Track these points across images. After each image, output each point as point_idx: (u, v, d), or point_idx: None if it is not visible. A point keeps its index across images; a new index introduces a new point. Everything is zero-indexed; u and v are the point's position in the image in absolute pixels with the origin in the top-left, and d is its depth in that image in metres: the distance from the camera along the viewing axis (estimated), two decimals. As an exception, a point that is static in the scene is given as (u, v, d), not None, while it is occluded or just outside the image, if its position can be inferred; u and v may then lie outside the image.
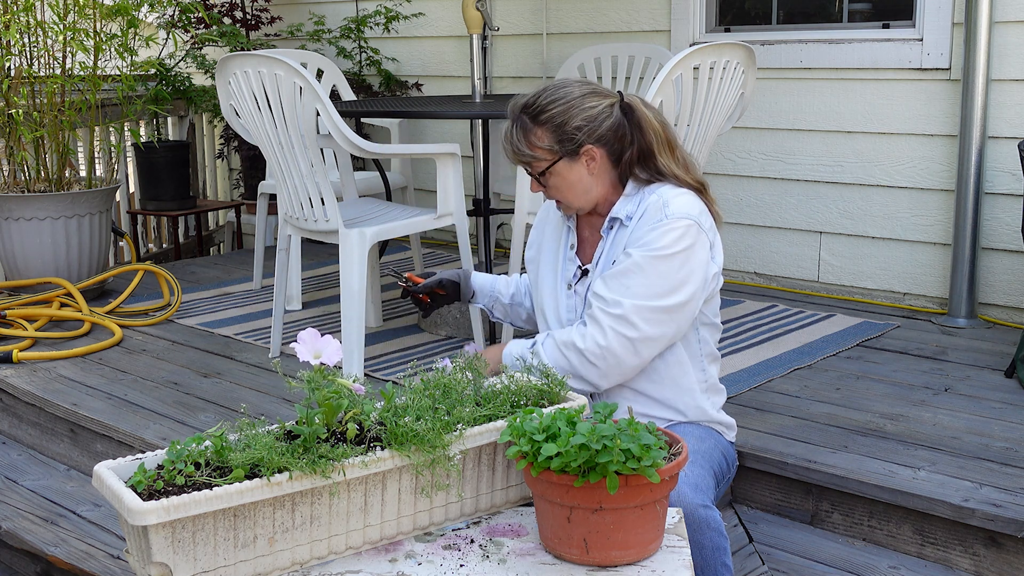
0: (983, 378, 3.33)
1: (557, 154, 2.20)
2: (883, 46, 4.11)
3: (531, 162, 2.23)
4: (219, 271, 5.22)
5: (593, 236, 2.33)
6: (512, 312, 2.56)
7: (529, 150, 2.21)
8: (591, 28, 4.96)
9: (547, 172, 2.22)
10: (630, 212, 2.22)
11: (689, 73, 3.20)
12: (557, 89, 2.21)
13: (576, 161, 2.21)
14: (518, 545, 1.78)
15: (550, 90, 2.22)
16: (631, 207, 2.22)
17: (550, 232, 2.43)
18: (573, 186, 2.23)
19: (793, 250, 4.48)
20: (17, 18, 4.37)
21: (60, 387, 3.48)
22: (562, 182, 2.23)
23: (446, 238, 5.66)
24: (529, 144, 2.21)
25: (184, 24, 5.88)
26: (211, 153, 6.60)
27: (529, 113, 2.21)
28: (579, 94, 2.20)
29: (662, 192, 2.20)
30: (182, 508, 1.54)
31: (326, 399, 1.71)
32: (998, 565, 2.44)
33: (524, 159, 2.23)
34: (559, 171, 2.22)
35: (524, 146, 2.21)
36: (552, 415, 1.71)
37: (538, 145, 2.20)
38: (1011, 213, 3.88)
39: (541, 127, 2.19)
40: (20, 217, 4.40)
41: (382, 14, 5.67)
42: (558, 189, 2.24)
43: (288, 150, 3.40)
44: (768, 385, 3.28)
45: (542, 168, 2.22)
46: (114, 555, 2.69)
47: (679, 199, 2.17)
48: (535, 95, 2.22)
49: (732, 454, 2.38)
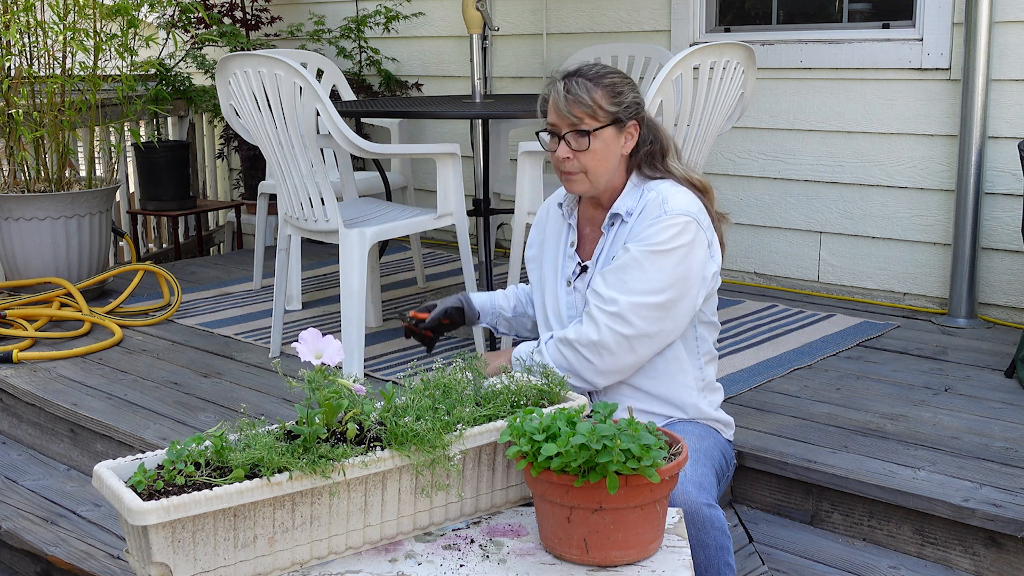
0: (983, 378, 3.33)
1: (612, 118, 2.19)
2: (883, 46, 4.11)
3: (585, 117, 2.19)
4: (219, 271, 5.22)
5: (594, 233, 2.33)
6: (517, 324, 2.55)
7: (591, 101, 2.17)
8: (591, 28, 4.96)
9: (595, 133, 2.19)
10: (630, 208, 2.23)
11: (689, 73, 3.20)
12: (606, 66, 2.25)
13: (620, 133, 2.22)
14: (518, 545, 1.78)
15: (600, 65, 2.25)
16: (631, 203, 2.24)
17: (551, 231, 2.43)
18: (608, 159, 2.22)
19: (793, 250, 4.48)
20: (17, 18, 4.37)
21: (60, 387, 3.48)
22: (603, 149, 2.21)
23: (446, 238, 5.66)
24: (591, 98, 2.18)
25: (184, 24, 5.88)
26: (211, 153, 6.60)
27: (588, 76, 2.20)
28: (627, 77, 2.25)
29: (661, 189, 2.23)
30: (182, 508, 1.54)
31: (326, 399, 1.71)
32: (998, 565, 2.44)
33: (580, 112, 2.18)
34: (605, 136, 2.20)
35: (587, 97, 2.17)
36: (552, 415, 1.71)
37: (599, 103, 2.18)
38: (1011, 213, 3.88)
39: (602, 89, 2.19)
40: (20, 217, 4.40)
41: (382, 14, 5.67)
42: (594, 156, 2.21)
43: (288, 150, 3.40)
44: (768, 385, 3.28)
45: (593, 127, 2.19)
46: (114, 555, 2.69)
47: (678, 196, 2.21)
48: (588, 65, 2.23)
49: (731, 453, 2.39)
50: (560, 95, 2.20)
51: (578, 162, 2.21)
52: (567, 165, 2.23)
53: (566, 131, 2.21)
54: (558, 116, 2.21)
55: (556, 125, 2.23)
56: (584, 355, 2.18)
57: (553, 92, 2.23)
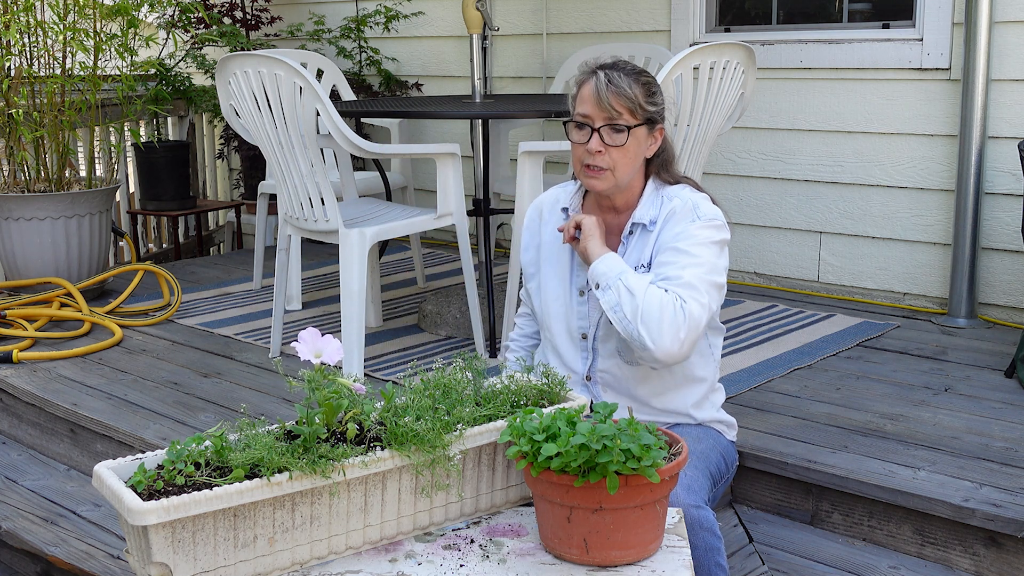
0: (983, 378, 3.33)
1: (647, 116, 2.16)
2: (883, 46, 4.11)
3: (624, 112, 2.12)
4: (219, 271, 5.22)
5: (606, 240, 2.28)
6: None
7: (632, 95, 2.12)
8: (591, 28, 4.96)
9: (631, 130, 2.13)
10: (653, 217, 2.20)
11: (689, 73, 3.20)
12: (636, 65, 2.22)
13: (650, 134, 2.19)
14: (518, 545, 1.78)
15: (631, 63, 2.20)
16: (653, 211, 2.21)
17: (549, 235, 2.36)
18: (637, 157, 2.18)
19: (793, 250, 4.48)
20: (17, 18, 4.37)
21: (60, 387, 3.48)
22: (634, 147, 2.16)
23: (446, 238, 5.66)
24: (633, 92, 2.12)
25: (184, 24, 5.88)
26: (211, 153, 6.60)
27: (627, 71, 2.15)
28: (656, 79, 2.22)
29: (684, 196, 2.21)
30: (182, 508, 1.54)
31: (326, 399, 1.71)
32: (998, 565, 2.44)
33: (620, 106, 2.12)
34: (639, 135, 2.16)
35: (629, 90, 2.12)
36: (552, 415, 1.71)
37: (639, 99, 2.13)
38: (1011, 213, 3.88)
39: (641, 86, 2.15)
40: (20, 217, 4.40)
41: (382, 14, 5.67)
42: (626, 154, 2.15)
43: (288, 150, 3.40)
44: (768, 385, 3.28)
45: (631, 123, 2.13)
46: (114, 555, 2.69)
47: (705, 203, 2.21)
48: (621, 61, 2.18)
49: (732, 454, 2.37)
50: (601, 84, 2.12)
51: (609, 157, 2.14)
52: (597, 159, 2.14)
53: (601, 124, 2.13)
54: (595, 107, 2.12)
55: (590, 117, 2.14)
56: (683, 310, 2.06)
57: (594, 81, 2.13)
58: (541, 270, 2.36)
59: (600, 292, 2.11)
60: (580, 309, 2.27)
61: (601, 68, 2.15)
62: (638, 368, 2.23)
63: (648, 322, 2.04)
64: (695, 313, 2.06)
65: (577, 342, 2.29)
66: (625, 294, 2.07)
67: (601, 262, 2.13)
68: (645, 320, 2.04)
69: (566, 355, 2.29)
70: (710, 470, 2.21)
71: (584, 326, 2.27)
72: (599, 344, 2.26)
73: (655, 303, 2.05)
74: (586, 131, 2.15)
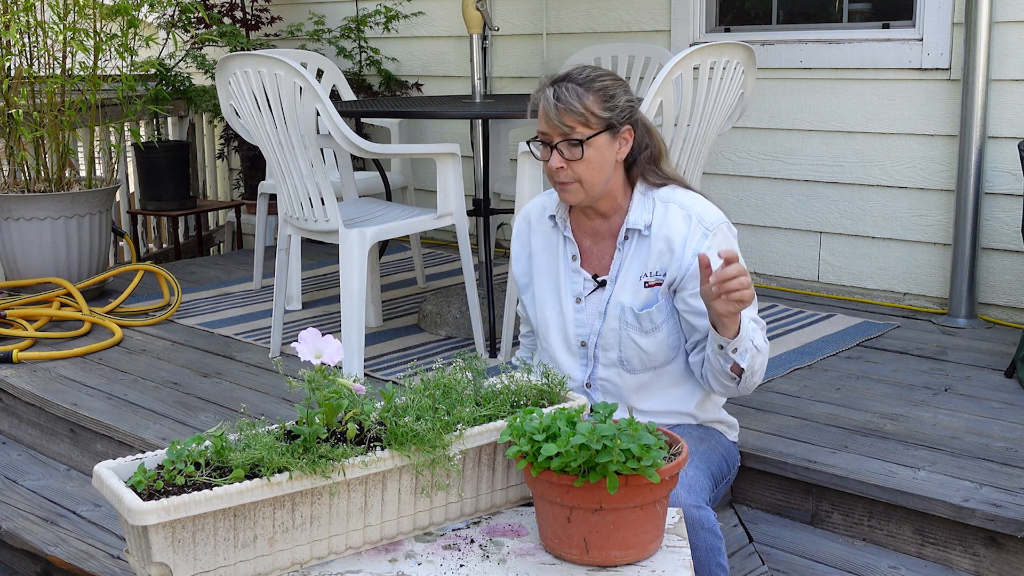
0: (983, 378, 3.33)
1: (604, 124, 2.11)
2: (883, 46, 4.11)
3: (577, 125, 2.10)
4: (219, 271, 5.22)
5: (596, 246, 2.26)
6: None
7: (582, 109, 2.09)
8: (591, 28, 4.96)
9: (588, 142, 2.10)
10: (648, 221, 2.18)
11: (689, 73, 3.20)
12: (596, 68, 2.17)
13: (615, 139, 2.14)
14: (518, 545, 1.78)
15: (591, 68, 2.17)
16: (647, 215, 2.18)
17: (540, 243, 2.33)
18: (603, 166, 2.14)
19: (793, 250, 4.48)
20: (17, 18, 4.37)
21: (60, 387, 3.48)
22: (597, 157, 2.12)
23: (446, 238, 5.66)
24: (582, 105, 2.09)
25: (184, 24, 5.88)
26: (211, 153, 6.60)
27: (578, 80, 2.11)
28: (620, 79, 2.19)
29: (679, 200, 2.19)
30: (182, 508, 1.54)
31: (326, 399, 1.71)
32: (998, 565, 2.44)
33: (571, 121, 2.10)
34: (599, 144, 2.12)
35: (578, 105, 2.09)
36: (552, 415, 1.71)
37: (591, 110, 2.09)
38: (1011, 213, 3.88)
39: (593, 94, 2.10)
40: (20, 217, 4.40)
41: (382, 14, 5.67)
42: (588, 165, 2.12)
43: (288, 150, 3.40)
44: (768, 385, 3.28)
45: (586, 135, 2.10)
46: (114, 555, 2.69)
47: (704, 205, 2.19)
48: (578, 68, 2.15)
49: (734, 454, 2.37)
50: (550, 103, 2.11)
51: (572, 171, 2.13)
52: (561, 175, 2.14)
53: (558, 140, 2.12)
54: (548, 125, 2.13)
55: (547, 134, 2.14)
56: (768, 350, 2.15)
57: (542, 100, 2.13)
58: (534, 280, 2.34)
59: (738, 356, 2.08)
60: (578, 316, 2.25)
61: (552, 83, 2.14)
62: (639, 376, 2.21)
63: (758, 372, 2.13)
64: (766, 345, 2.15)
65: (576, 350, 2.26)
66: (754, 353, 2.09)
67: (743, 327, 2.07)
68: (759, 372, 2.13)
69: (564, 363, 2.27)
70: (711, 470, 2.20)
71: (583, 334, 2.25)
72: (599, 352, 2.24)
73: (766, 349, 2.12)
74: (547, 148, 2.15)
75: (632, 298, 2.19)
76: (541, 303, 2.31)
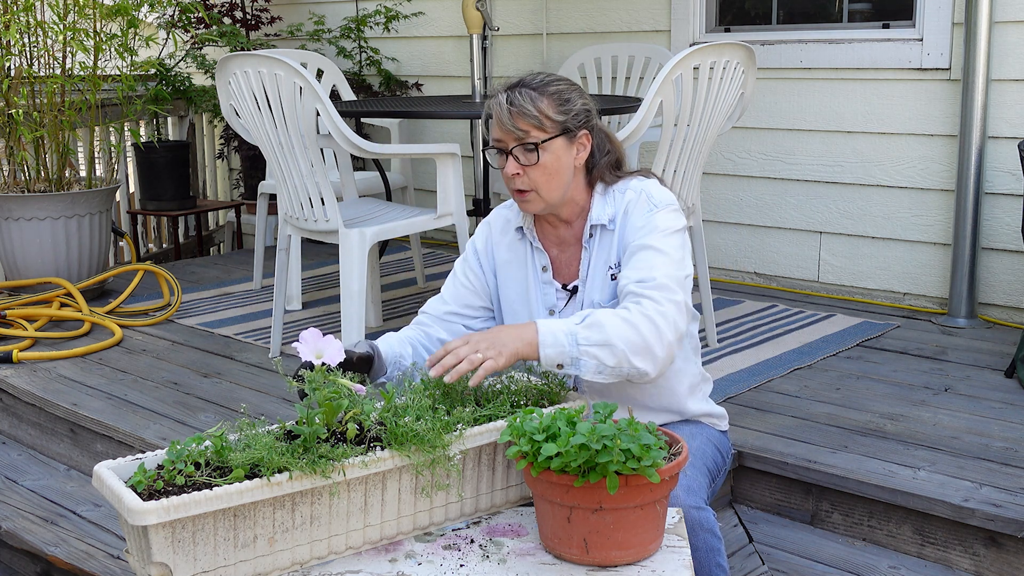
0: (983, 378, 3.33)
1: (560, 128, 2.07)
2: (883, 46, 4.11)
3: (531, 130, 2.05)
4: (219, 271, 5.22)
5: (564, 254, 2.21)
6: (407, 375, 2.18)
7: (536, 112, 2.04)
8: (591, 28, 4.96)
9: (542, 146, 2.06)
10: (611, 215, 2.15)
11: (689, 73, 3.20)
12: (551, 74, 2.14)
13: (571, 144, 2.10)
14: (518, 545, 1.78)
15: (545, 74, 2.13)
16: (610, 210, 2.15)
17: (505, 255, 2.26)
18: (560, 172, 2.09)
19: (793, 250, 4.48)
20: (17, 18, 4.37)
21: (60, 387, 3.48)
22: (553, 163, 2.07)
23: (446, 238, 5.66)
24: (536, 108, 2.05)
25: (184, 24, 5.88)
26: (211, 153, 6.60)
27: (533, 85, 2.07)
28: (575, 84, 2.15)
29: (635, 186, 2.16)
30: (182, 508, 1.54)
31: (326, 399, 1.71)
32: (998, 565, 2.44)
33: (524, 125, 2.05)
34: (555, 148, 2.07)
35: (532, 108, 2.04)
36: (552, 415, 1.71)
37: (545, 113, 2.05)
38: (1011, 213, 3.88)
39: (548, 98, 2.06)
40: (20, 217, 4.40)
41: (382, 14, 5.67)
42: (544, 171, 2.07)
43: (288, 150, 3.40)
44: (768, 385, 3.28)
45: (540, 139, 2.05)
46: (114, 555, 2.69)
47: (656, 188, 2.15)
48: (532, 74, 2.11)
49: (726, 444, 2.31)
50: (503, 108, 2.06)
51: (528, 178, 2.08)
52: (517, 182, 2.08)
53: (513, 145, 2.06)
54: (502, 130, 2.08)
55: (501, 140, 2.09)
56: (659, 326, 1.95)
57: (495, 106, 2.07)
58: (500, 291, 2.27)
59: (572, 368, 1.94)
60: None
61: (505, 89, 2.10)
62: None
63: (639, 352, 1.95)
64: (671, 314, 1.99)
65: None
66: (599, 351, 1.93)
67: (544, 346, 1.92)
68: (636, 353, 1.95)
69: None
70: (707, 466, 2.19)
71: None
72: None
73: (630, 333, 1.94)
74: (503, 155, 2.10)
75: (600, 293, 2.15)
76: (512, 317, 2.24)
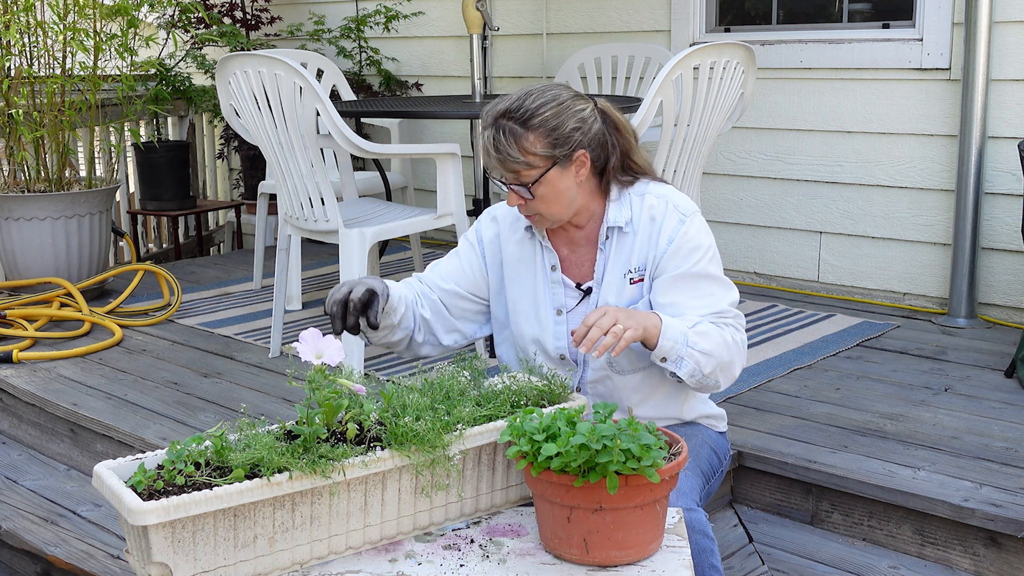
0: (983, 378, 3.33)
1: (550, 160, 2.04)
2: (883, 46, 4.11)
3: (520, 171, 2.05)
4: (219, 271, 5.22)
5: (574, 254, 2.21)
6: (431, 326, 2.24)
7: (522, 157, 2.03)
8: (591, 28, 4.96)
9: (537, 182, 2.05)
10: (628, 218, 2.14)
11: (689, 73, 3.20)
12: (543, 92, 2.08)
13: (568, 168, 2.08)
14: (518, 545, 1.78)
15: (535, 93, 2.08)
16: (626, 213, 2.15)
17: (513, 252, 2.25)
18: (560, 196, 2.08)
19: (793, 250, 4.48)
20: (17, 18, 4.37)
21: (60, 387, 3.48)
22: (551, 192, 2.07)
23: (446, 238, 5.66)
24: (522, 150, 2.03)
25: (184, 24, 5.88)
26: (211, 153, 6.60)
27: (517, 118, 2.04)
28: (567, 97, 2.08)
29: (653, 190, 2.16)
30: (182, 508, 1.54)
31: (326, 399, 1.71)
32: (998, 565, 2.44)
33: (514, 168, 2.05)
34: (550, 180, 2.06)
35: (516, 152, 2.03)
36: (552, 415, 1.71)
37: (531, 151, 2.03)
38: (1011, 213, 3.88)
39: (534, 132, 2.03)
40: (20, 217, 4.40)
41: (382, 14, 5.67)
42: (544, 200, 2.07)
43: (288, 150, 3.40)
44: (768, 385, 3.28)
45: (533, 177, 2.05)
46: (114, 555, 2.69)
47: (679, 196, 2.17)
48: (519, 99, 2.06)
49: (723, 445, 2.31)
50: (490, 152, 2.06)
51: (529, 208, 2.10)
52: (521, 211, 2.12)
53: (509, 182, 2.08)
54: (495, 170, 2.08)
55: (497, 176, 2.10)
56: (740, 347, 2.09)
57: (486, 143, 2.07)
58: (506, 287, 2.26)
59: (673, 365, 2.03)
60: (556, 329, 2.19)
61: (492, 123, 2.07)
62: (630, 376, 2.18)
63: (725, 370, 2.07)
64: (741, 339, 2.10)
65: (558, 362, 2.21)
66: (702, 357, 2.03)
67: (664, 337, 2.00)
68: (723, 370, 2.07)
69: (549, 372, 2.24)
70: (701, 468, 2.18)
71: (561, 347, 2.19)
72: (588, 358, 2.18)
73: (724, 352, 2.05)
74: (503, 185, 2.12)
75: (617, 297, 2.15)
76: (516, 315, 2.24)
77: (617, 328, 1.93)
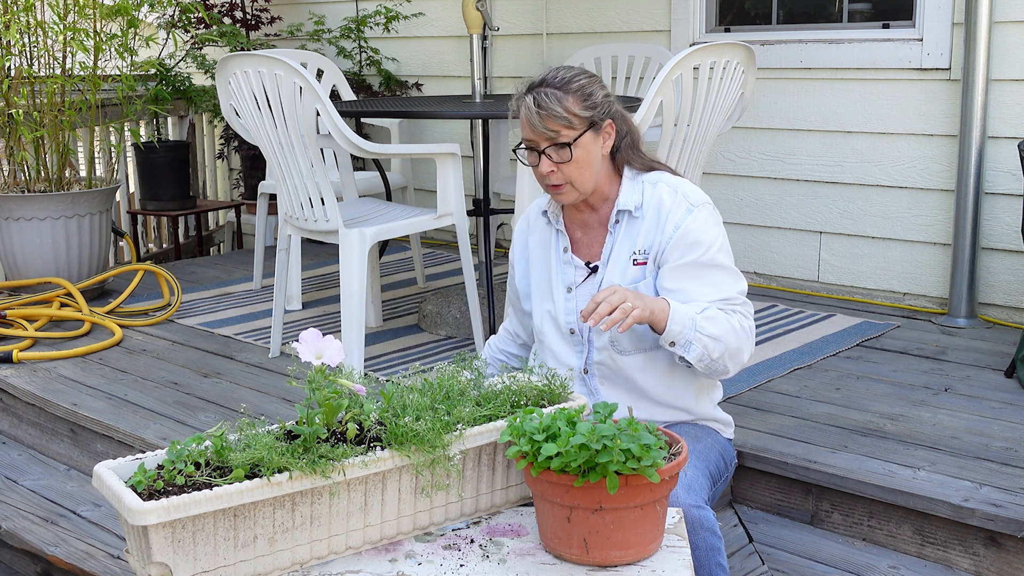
0: (983, 378, 3.33)
1: (587, 123, 2.15)
2: (883, 46, 4.11)
3: (561, 129, 2.13)
4: (219, 271, 5.22)
5: (587, 236, 2.30)
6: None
7: (564, 112, 2.12)
8: (591, 28, 4.96)
9: (574, 143, 2.14)
10: (638, 203, 2.22)
11: (689, 73, 3.20)
12: (571, 68, 2.21)
13: (598, 135, 2.18)
14: (518, 545, 1.78)
15: (564, 68, 2.19)
16: (636, 197, 2.23)
17: (536, 241, 2.38)
18: (591, 163, 2.18)
19: (793, 250, 4.48)
20: (17, 18, 4.37)
21: (60, 387, 3.48)
22: (584, 156, 2.16)
23: (446, 238, 5.66)
24: (564, 107, 2.12)
25: (184, 24, 5.88)
26: (211, 153, 6.60)
27: (555, 84, 2.14)
28: (591, 74, 2.22)
29: (667, 180, 2.24)
30: (182, 508, 1.54)
31: (326, 399, 1.71)
32: (998, 565, 2.44)
33: (555, 126, 2.13)
34: (585, 143, 2.15)
35: (560, 108, 2.12)
36: (552, 415, 1.71)
37: (573, 110, 2.13)
38: (1011, 213, 3.88)
39: (572, 95, 2.13)
40: (20, 217, 4.40)
41: (382, 14, 5.67)
42: (577, 165, 2.16)
43: (288, 150, 3.40)
44: (768, 385, 3.28)
45: (572, 137, 2.14)
46: (114, 555, 2.69)
47: (689, 186, 2.25)
48: (551, 72, 2.18)
49: (730, 452, 2.37)
50: (531, 111, 2.14)
51: (562, 174, 2.17)
52: (552, 179, 2.18)
53: (545, 146, 2.16)
54: (534, 132, 2.16)
55: (533, 140, 2.18)
56: (751, 336, 2.19)
57: (523, 108, 2.17)
58: (531, 276, 2.38)
59: (682, 349, 2.11)
60: (567, 305, 2.29)
61: (530, 90, 2.17)
62: (633, 357, 2.23)
63: (733, 356, 2.15)
64: (753, 330, 2.21)
65: (567, 337, 2.29)
66: (710, 342, 2.11)
67: (673, 321, 2.09)
68: (731, 356, 2.15)
69: (560, 352, 2.30)
70: (709, 469, 2.21)
71: (571, 321, 2.28)
72: (593, 335, 2.27)
73: (732, 338, 2.14)
74: (534, 154, 2.19)
75: (620, 277, 2.24)
76: (537, 297, 2.36)
77: (626, 305, 2.02)
